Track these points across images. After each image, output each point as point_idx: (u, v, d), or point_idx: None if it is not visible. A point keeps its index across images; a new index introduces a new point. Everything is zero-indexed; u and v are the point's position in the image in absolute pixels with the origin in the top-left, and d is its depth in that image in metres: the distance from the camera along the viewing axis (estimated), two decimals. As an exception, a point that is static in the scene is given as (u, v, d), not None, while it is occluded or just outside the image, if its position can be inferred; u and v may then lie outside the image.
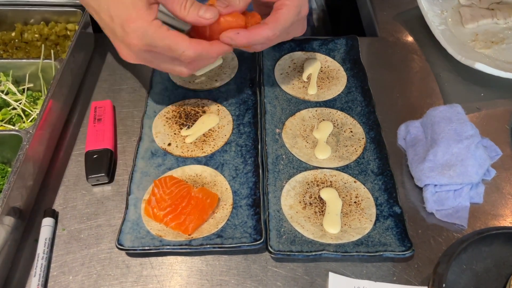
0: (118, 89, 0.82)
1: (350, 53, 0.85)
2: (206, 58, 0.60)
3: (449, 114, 0.70)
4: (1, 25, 0.86)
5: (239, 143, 0.72)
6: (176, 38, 0.57)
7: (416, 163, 0.68)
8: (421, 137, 0.72)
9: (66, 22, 0.86)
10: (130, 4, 0.56)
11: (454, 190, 0.65)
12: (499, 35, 0.91)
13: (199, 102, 0.78)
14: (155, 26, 0.57)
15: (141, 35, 0.56)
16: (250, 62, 0.83)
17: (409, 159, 0.70)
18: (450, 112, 0.70)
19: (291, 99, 0.78)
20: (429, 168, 0.66)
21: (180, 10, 0.57)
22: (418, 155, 0.69)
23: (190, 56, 0.58)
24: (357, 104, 0.77)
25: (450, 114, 0.70)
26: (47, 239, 0.61)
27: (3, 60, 0.78)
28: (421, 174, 0.66)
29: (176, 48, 0.57)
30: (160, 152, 0.70)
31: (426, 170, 0.66)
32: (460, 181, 0.64)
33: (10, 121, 0.74)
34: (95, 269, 0.60)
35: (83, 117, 0.78)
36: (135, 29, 0.56)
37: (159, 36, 0.56)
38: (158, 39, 0.57)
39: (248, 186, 0.66)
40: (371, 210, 0.64)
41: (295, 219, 0.63)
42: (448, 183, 0.65)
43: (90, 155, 0.69)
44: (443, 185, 0.65)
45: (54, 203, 0.67)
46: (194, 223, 0.61)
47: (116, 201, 0.67)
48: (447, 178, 0.64)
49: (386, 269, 0.60)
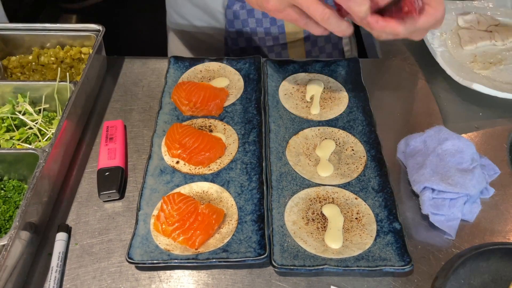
0: (129, 109, 0.86)
1: (351, 74, 0.88)
2: (336, 23, 0.64)
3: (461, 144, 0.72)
4: (19, 48, 0.90)
5: (244, 160, 0.74)
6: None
7: (416, 169, 0.71)
8: (420, 148, 0.74)
9: (81, 46, 0.90)
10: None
11: (450, 199, 0.67)
12: (497, 57, 0.93)
13: (206, 122, 0.81)
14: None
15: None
16: (255, 83, 0.86)
17: (409, 168, 0.73)
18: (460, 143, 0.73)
19: (294, 119, 0.81)
20: (430, 174, 0.69)
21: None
22: (419, 163, 0.72)
23: (326, 15, 0.62)
24: (358, 123, 0.80)
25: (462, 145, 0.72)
26: (60, 253, 0.64)
27: (20, 82, 0.82)
28: (421, 177, 0.69)
29: (316, 8, 0.62)
30: (169, 170, 0.73)
31: (427, 174, 0.69)
32: (457, 190, 0.67)
33: (26, 140, 0.77)
34: (105, 282, 0.62)
35: (95, 136, 0.81)
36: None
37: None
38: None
39: (252, 202, 0.69)
40: (372, 226, 0.66)
41: (298, 235, 0.65)
42: (446, 190, 0.67)
43: (102, 173, 0.72)
44: (440, 192, 0.68)
45: (68, 218, 0.70)
46: (201, 238, 0.64)
47: (126, 217, 0.70)
48: (445, 184, 0.67)
49: (386, 283, 0.62)
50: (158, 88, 0.89)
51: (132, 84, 0.90)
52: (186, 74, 0.89)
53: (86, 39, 0.90)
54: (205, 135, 0.76)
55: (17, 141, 0.76)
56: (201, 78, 0.88)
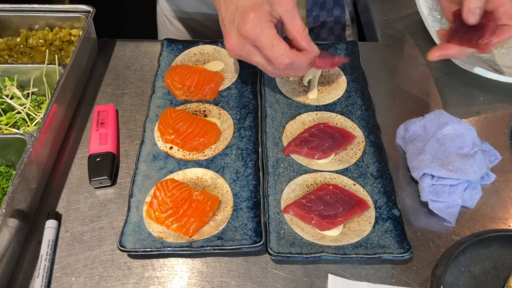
0: (121, 94, 0.83)
1: (350, 58, 0.86)
2: (296, 68, 0.67)
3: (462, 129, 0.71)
4: (6, 30, 0.87)
5: (240, 146, 0.72)
6: (280, 40, 0.64)
7: (415, 155, 0.69)
8: (420, 133, 0.72)
9: (70, 27, 0.87)
10: (260, 1, 0.64)
11: (450, 186, 0.66)
12: (498, 40, 0.91)
13: (201, 106, 0.79)
14: (269, 23, 0.64)
15: (254, 25, 0.63)
16: (251, 66, 0.83)
17: (408, 154, 0.71)
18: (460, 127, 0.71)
19: (291, 103, 0.79)
20: (429, 160, 0.67)
21: (298, 31, 0.65)
22: (418, 149, 0.70)
23: (285, 61, 0.65)
24: (357, 108, 0.78)
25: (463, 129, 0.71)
26: (50, 241, 0.62)
27: (8, 64, 0.79)
28: (421, 163, 0.67)
29: (276, 48, 0.64)
30: (162, 156, 0.71)
31: (426, 160, 0.67)
32: (458, 176, 0.65)
33: (14, 125, 0.75)
34: (97, 270, 0.61)
35: (86, 121, 0.79)
36: (252, 18, 0.63)
37: (268, 32, 0.64)
38: (266, 34, 0.63)
39: (248, 189, 0.67)
40: (370, 212, 0.65)
41: (294, 222, 0.64)
42: (446, 176, 0.65)
43: (93, 158, 0.70)
44: (440, 179, 0.66)
45: (58, 205, 0.68)
46: (195, 225, 0.62)
47: (118, 204, 0.68)
48: (445, 171, 0.65)
49: (385, 271, 0.61)
50: (151, 71, 0.87)
51: (124, 68, 0.88)
52: (179, 57, 0.86)
53: (76, 21, 0.87)
54: (199, 120, 0.74)
55: (5, 126, 0.74)
56: (195, 61, 0.86)
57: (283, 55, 0.64)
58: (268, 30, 0.63)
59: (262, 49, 0.64)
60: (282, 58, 0.64)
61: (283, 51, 0.64)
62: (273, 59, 0.65)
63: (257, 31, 0.63)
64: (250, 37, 0.64)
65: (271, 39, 0.63)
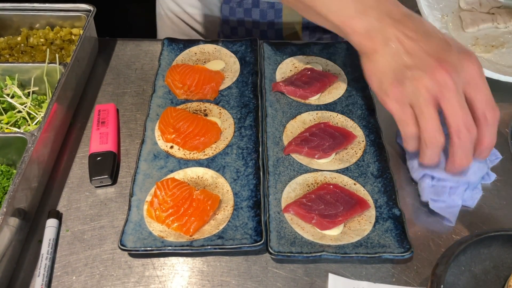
0: (121, 93, 0.83)
1: (351, 57, 0.86)
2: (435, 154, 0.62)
3: None
4: (7, 29, 0.87)
5: (240, 145, 0.72)
6: (439, 124, 0.59)
7: (415, 155, 0.69)
8: None
9: (71, 26, 0.87)
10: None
11: (450, 187, 0.66)
12: (499, 39, 0.91)
13: (201, 105, 0.79)
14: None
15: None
16: (252, 66, 0.84)
17: (408, 154, 0.71)
18: None
19: (292, 103, 0.79)
20: None
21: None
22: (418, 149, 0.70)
23: (437, 141, 0.60)
24: (357, 107, 0.78)
25: None
26: (51, 240, 0.62)
27: (9, 64, 0.80)
28: (420, 164, 0.67)
29: (430, 126, 0.59)
30: (163, 155, 0.71)
31: None
32: (458, 178, 0.65)
33: (15, 124, 0.75)
34: (98, 269, 0.61)
35: (87, 120, 0.79)
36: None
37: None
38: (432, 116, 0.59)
39: (249, 188, 0.67)
40: (371, 212, 0.65)
41: (295, 221, 0.64)
42: (446, 178, 0.65)
43: (93, 158, 0.70)
44: (440, 180, 0.66)
45: (58, 204, 0.68)
46: (195, 225, 0.62)
47: (119, 203, 0.68)
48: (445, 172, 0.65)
49: (385, 270, 0.61)
50: (151, 71, 0.87)
51: (124, 67, 0.88)
52: (180, 57, 0.86)
53: (76, 20, 0.87)
54: (200, 119, 0.74)
55: (6, 124, 0.74)
56: (196, 60, 0.86)
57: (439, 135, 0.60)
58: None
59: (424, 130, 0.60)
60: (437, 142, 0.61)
61: (442, 139, 0.60)
62: (429, 143, 0.61)
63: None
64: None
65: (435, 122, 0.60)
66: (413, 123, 0.61)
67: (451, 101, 0.58)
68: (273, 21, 0.98)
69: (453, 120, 0.58)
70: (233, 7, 0.96)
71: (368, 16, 0.61)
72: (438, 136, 0.60)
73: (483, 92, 0.60)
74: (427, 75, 0.58)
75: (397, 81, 0.60)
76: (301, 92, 0.78)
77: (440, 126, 0.60)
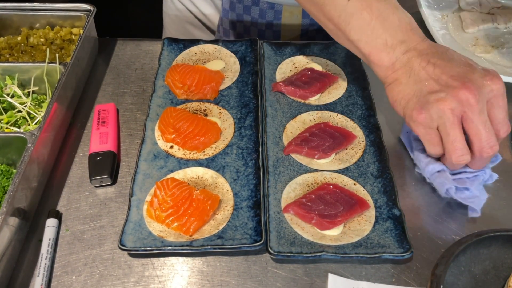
0: (121, 93, 0.83)
1: (351, 57, 0.86)
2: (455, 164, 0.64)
3: None
4: (7, 29, 0.87)
5: (240, 145, 0.72)
6: (465, 144, 0.62)
7: (424, 151, 0.69)
8: None
9: (71, 26, 0.87)
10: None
11: (467, 178, 0.66)
12: (499, 40, 0.91)
13: (201, 105, 0.79)
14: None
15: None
16: (252, 66, 0.84)
17: (416, 150, 0.71)
18: None
19: (292, 103, 0.79)
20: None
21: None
22: None
23: (463, 159, 0.63)
24: (357, 107, 0.78)
25: None
26: (50, 240, 0.62)
27: (9, 63, 0.80)
28: (433, 159, 0.68)
29: (457, 149, 0.62)
30: (163, 155, 0.71)
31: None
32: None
33: (15, 124, 0.75)
34: (97, 269, 0.61)
35: (87, 120, 0.79)
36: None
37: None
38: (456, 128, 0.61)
39: (249, 188, 0.67)
40: (371, 212, 0.65)
41: (295, 221, 0.64)
42: (462, 171, 0.66)
43: (93, 157, 0.70)
44: (456, 173, 0.67)
45: (58, 204, 0.68)
46: (195, 225, 0.62)
47: (119, 203, 0.68)
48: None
49: (385, 270, 0.61)
50: (151, 70, 0.87)
51: (124, 67, 0.88)
52: (180, 57, 0.86)
53: (76, 20, 0.87)
54: (200, 119, 0.74)
55: (6, 124, 0.74)
56: (196, 60, 0.86)
57: (463, 155, 0.63)
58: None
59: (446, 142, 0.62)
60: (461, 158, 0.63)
61: (464, 151, 0.62)
62: (452, 159, 0.63)
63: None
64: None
65: (458, 136, 0.62)
66: (440, 144, 0.64)
67: (475, 121, 0.60)
68: (272, 22, 0.98)
69: (477, 139, 0.61)
70: (233, 1, 0.96)
71: (396, 51, 0.64)
72: (465, 157, 0.62)
73: (502, 112, 0.62)
74: (451, 96, 0.59)
75: (421, 107, 0.61)
76: (301, 92, 0.78)
77: (466, 146, 0.62)
